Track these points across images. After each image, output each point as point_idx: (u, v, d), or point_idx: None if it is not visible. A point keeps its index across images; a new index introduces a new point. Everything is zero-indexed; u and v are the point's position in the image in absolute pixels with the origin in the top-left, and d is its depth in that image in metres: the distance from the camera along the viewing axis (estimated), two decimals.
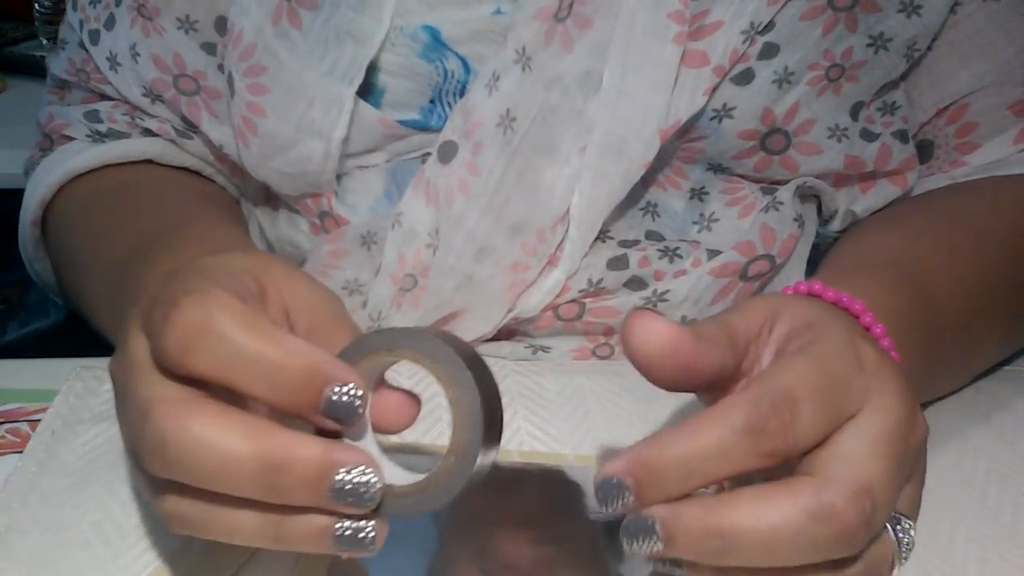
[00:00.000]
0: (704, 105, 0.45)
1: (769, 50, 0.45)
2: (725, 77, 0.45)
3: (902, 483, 0.29)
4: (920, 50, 0.48)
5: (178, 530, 0.30)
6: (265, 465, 0.27)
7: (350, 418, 0.28)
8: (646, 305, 0.49)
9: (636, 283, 0.49)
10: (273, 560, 0.36)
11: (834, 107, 0.47)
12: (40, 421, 0.44)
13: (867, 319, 0.35)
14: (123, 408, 0.31)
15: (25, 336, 1.13)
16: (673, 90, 0.45)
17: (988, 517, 0.39)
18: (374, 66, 0.47)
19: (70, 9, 0.55)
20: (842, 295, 0.35)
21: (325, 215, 0.50)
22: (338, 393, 0.28)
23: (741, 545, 0.27)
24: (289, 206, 0.52)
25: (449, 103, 0.48)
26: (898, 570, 0.29)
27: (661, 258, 0.49)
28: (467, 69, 0.47)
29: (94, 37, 0.53)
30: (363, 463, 0.28)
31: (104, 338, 0.50)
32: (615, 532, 0.28)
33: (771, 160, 0.48)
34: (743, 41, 0.45)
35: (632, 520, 0.28)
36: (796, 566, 0.27)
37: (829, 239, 0.54)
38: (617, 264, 0.48)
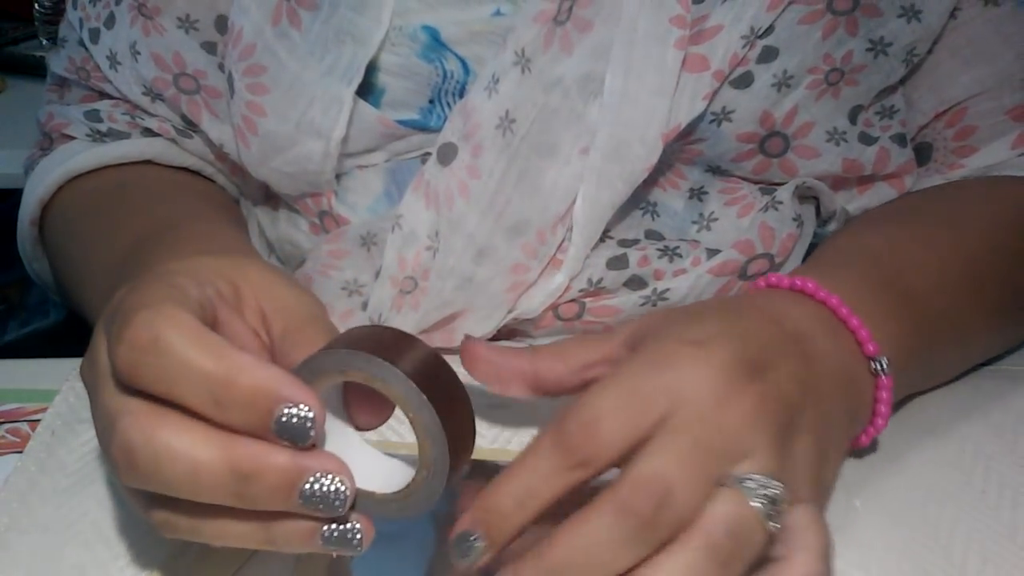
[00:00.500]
0: (704, 109, 0.45)
1: (768, 54, 0.45)
2: (724, 81, 0.45)
3: (717, 458, 0.30)
4: (919, 55, 0.48)
5: (170, 535, 0.30)
6: (234, 474, 0.27)
7: (302, 439, 0.27)
8: (646, 304, 0.49)
9: (636, 282, 0.49)
10: (273, 560, 0.36)
11: (833, 111, 0.47)
12: (40, 421, 0.44)
13: (843, 312, 0.37)
14: (94, 414, 0.31)
15: (25, 336, 1.13)
16: (674, 94, 0.45)
17: (988, 517, 0.39)
18: (373, 66, 0.47)
19: (70, 7, 0.55)
20: (820, 289, 0.37)
21: (325, 214, 0.50)
22: (288, 414, 0.27)
23: (576, 568, 0.28)
24: (289, 205, 0.52)
25: (448, 103, 0.48)
26: (773, 525, 0.30)
27: (661, 257, 0.49)
28: (466, 70, 0.47)
29: (94, 35, 0.53)
30: (331, 470, 0.28)
31: None
32: None
33: (770, 163, 0.48)
34: (743, 46, 0.45)
35: None
36: (636, 566, 0.29)
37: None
38: (617, 264, 0.49)
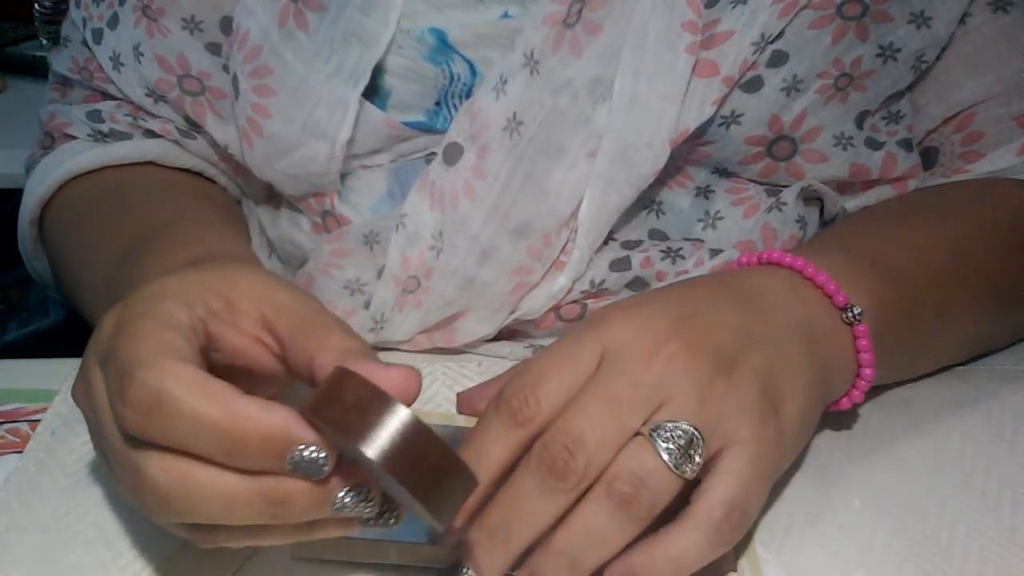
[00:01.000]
0: (713, 114, 0.45)
1: (778, 58, 0.45)
2: (734, 87, 0.45)
3: (632, 410, 0.32)
4: (928, 62, 0.49)
5: (211, 546, 0.31)
6: (268, 503, 0.29)
7: (316, 475, 0.28)
8: None
9: (638, 284, 0.49)
10: (274, 557, 0.36)
11: (841, 115, 0.48)
12: (40, 421, 0.44)
13: (809, 270, 0.39)
14: (105, 454, 0.31)
15: (25, 336, 1.13)
16: (684, 99, 0.45)
17: (988, 517, 0.39)
18: (380, 68, 0.47)
19: (73, 7, 0.55)
20: (786, 256, 0.39)
21: (327, 214, 0.50)
22: (301, 456, 0.28)
23: (509, 524, 0.32)
24: (291, 205, 0.52)
25: (455, 106, 0.48)
26: (689, 469, 0.32)
27: (663, 259, 0.49)
28: (473, 72, 0.47)
29: (97, 36, 0.53)
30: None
31: None
32: None
33: (777, 166, 0.48)
34: (753, 52, 0.45)
35: None
36: (577, 527, 0.32)
37: None
38: (619, 265, 0.49)
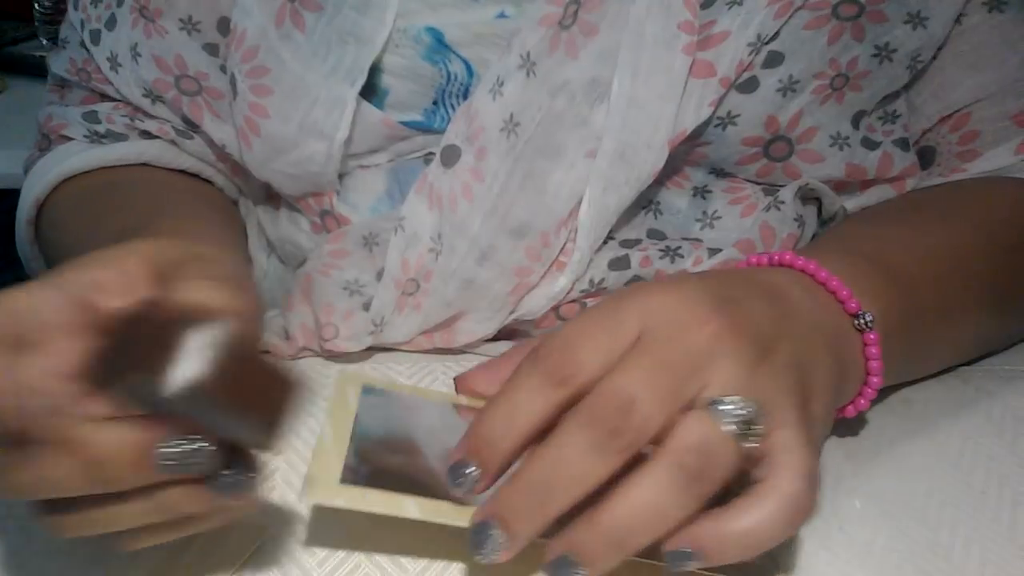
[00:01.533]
0: (710, 115, 0.45)
1: (774, 59, 0.45)
2: (731, 87, 0.45)
3: (683, 377, 0.31)
4: (924, 62, 0.48)
5: (66, 535, 0.31)
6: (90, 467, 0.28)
7: (201, 468, 0.28)
8: None
9: (638, 283, 0.49)
10: (277, 555, 0.36)
11: (837, 116, 0.48)
12: None
13: (822, 275, 0.38)
14: None
15: None
16: (681, 100, 0.45)
17: (988, 517, 0.39)
18: (377, 68, 0.47)
19: (71, 8, 0.55)
20: (797, 259, 0.39)
21: (326, 214, 0.50)
22: (167, 453, 0.28)
23: (553, 483, 0.31)
24: (290, 205, 0.52)
25: (452, 105, 0.48)
26: (748, 444, 0.31)
27: (662, 258, 0.49)
28: (470, 72, 0.47)
29: (95, 37, 0.53)
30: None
31: None
32: None
33: (774, 167, 0.48)
34: (749, 53, 0.45)
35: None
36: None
37: None
38: (619, 264, 0.49)
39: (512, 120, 0.45)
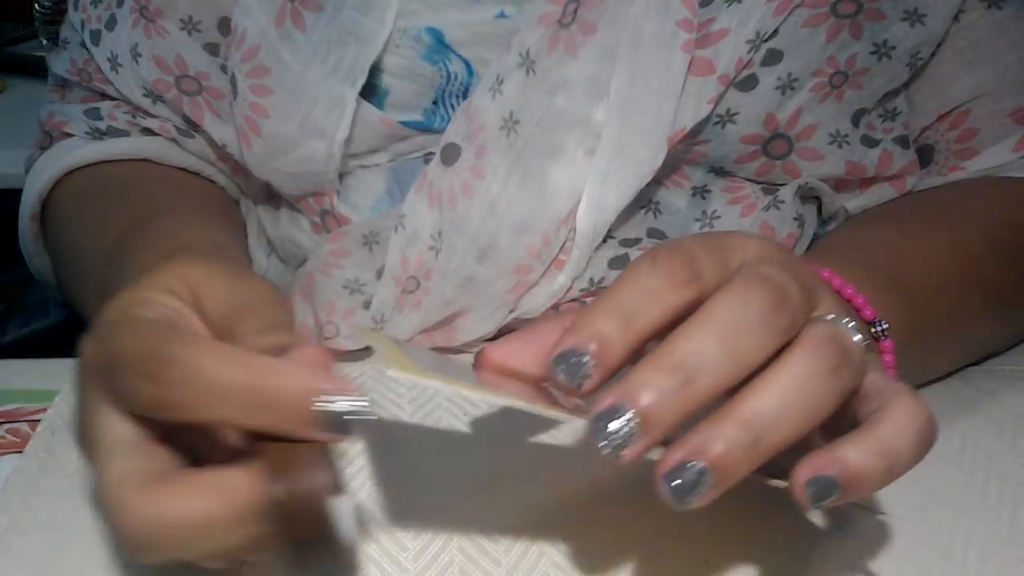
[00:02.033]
0: (709, 113, 0.45)
1: (773, 56, 0.45)
2: (730, 85, 0.45)
3: (805, 284, 0.30)
4: (923, 59, 0.49)
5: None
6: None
7: (346, 431, 0.27)
8: None
9: None
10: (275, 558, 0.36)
11: (836, 113, 0.48)
12: (40, 421, 0.44)
13: (836, 282, 0.38)
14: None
15: (25, 336, 1.13)
16: (680, 97, 0.45)
17: (988, 517, 0.39)
18: (377, 68, 0.47)
19: (72, 9, 0.55)
20: (823, 269, 0.38)
21: (326, 213, 0.50)
22: (330, 408, 0.27)
23: (716, 357, 0.27)
24: (290, 205, 0.53)
25: (452, 105, 0.48)
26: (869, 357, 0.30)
27: None
28: (470, 72, 0.47)
29: (95, 37, 0.53)
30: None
31: None
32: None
33: (773, 165, 0.48)
34: (748, 50, 0.45)
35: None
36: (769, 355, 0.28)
37: None
38: (618, 263, 0.49)
39: (512, 118, 0.45)
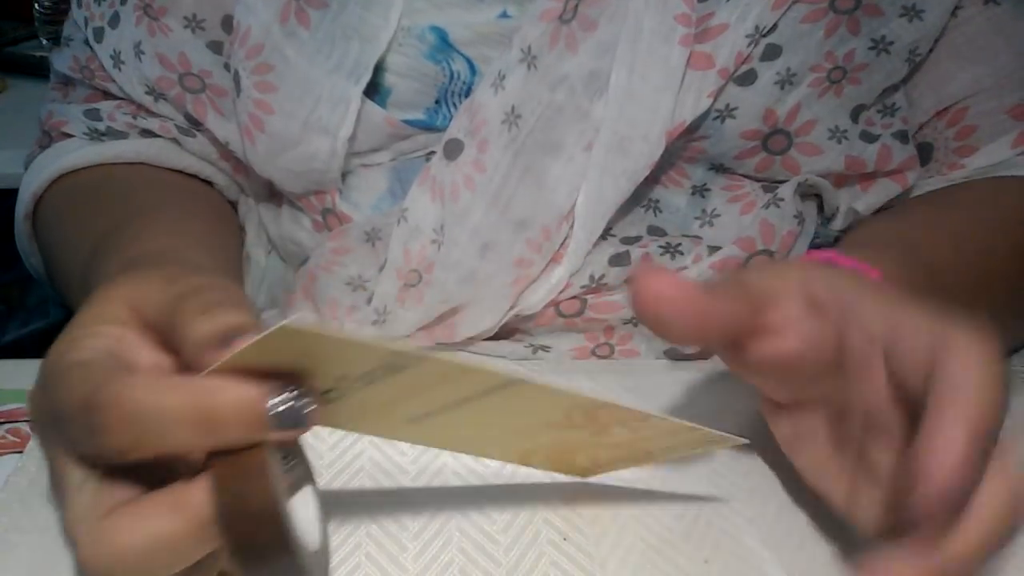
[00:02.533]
0: (708, 107, 0.46)
1: (771, 51, 0.46)
2: (729, 79, 0.45)
3: None
4: (921, 54, 0.49)
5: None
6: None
7: (302, 424, 0.27)
8: None
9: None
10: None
11: (835, 109, 0.48)
12: None
13: (874, 275, 0.38)
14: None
15: (25, 336, 1.13)
16: (679, 92, 0.45)
17: None
18: (381, 66, 0.47)
19: (75, 6, 0.55)
20: (859, 263, 0.38)
21: (328, 212, 0.51)
22: (279, 409, 0.27)
23: None
24: (292, 203, 0.53)
25: (455, 104, 0.48)
26: None
27: (663, 254, 0.49)
28: (473, 70, 0.48)
29: (98, 35, 0.53)
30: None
31: None
32: None
33: (772, 160, 0.49)
34: (748, 44, 0.45)
35: None
36: None
37: (830, 238, 0.54)
38: (619, 260, 0.49)
39: (514, 112, 0.45)
